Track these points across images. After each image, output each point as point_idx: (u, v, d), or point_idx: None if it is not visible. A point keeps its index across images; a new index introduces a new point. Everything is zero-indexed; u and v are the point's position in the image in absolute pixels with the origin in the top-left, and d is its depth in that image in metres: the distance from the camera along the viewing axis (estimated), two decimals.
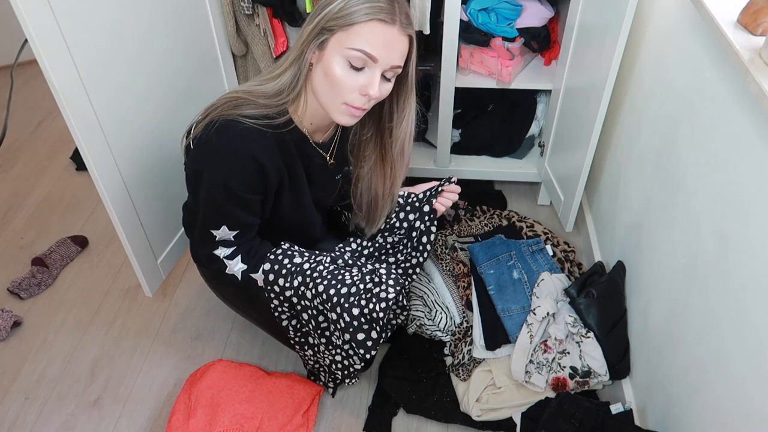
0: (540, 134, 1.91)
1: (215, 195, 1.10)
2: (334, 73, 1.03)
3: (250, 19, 1.77)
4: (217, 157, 1.07)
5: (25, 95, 2.58)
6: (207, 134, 1.07)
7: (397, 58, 1.04)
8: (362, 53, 1.01)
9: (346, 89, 1.04)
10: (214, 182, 1.09)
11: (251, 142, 1.06)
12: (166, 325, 1.61)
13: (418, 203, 1.35)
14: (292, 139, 1.14)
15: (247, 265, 1.18)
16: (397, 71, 1.07)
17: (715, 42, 1.00)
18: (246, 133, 1.06)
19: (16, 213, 1.98)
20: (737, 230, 0.92)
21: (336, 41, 1.02)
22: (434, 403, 1.39)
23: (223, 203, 1.11)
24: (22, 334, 1.60)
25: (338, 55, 1.02)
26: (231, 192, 1.09)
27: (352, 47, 1.00)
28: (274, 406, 1.32)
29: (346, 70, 1.03)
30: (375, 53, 1.01)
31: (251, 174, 1.08)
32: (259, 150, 1.07)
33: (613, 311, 1.38)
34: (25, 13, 1.09)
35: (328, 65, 1.03)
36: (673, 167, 1.17)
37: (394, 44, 1.03)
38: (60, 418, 1.40)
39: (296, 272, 1.17)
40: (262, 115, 1.08)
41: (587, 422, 1.17)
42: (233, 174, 1.07)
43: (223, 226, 1.14)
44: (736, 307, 0.92)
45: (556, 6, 1.72)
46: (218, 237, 1.16)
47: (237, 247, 1.18)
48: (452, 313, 1.50)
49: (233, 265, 1.18)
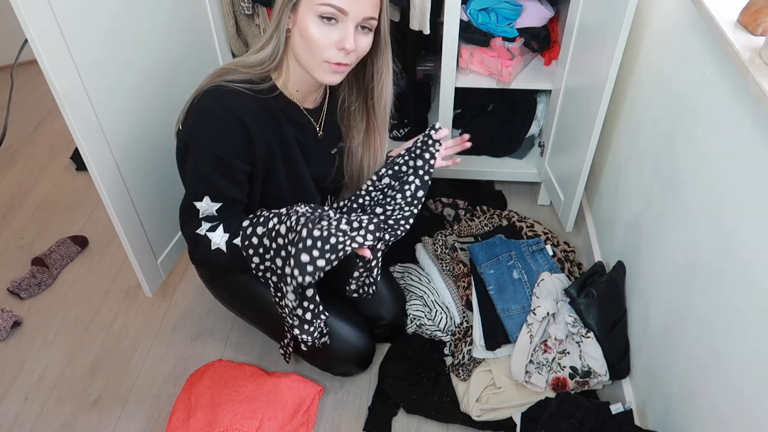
0: (540, 134, 1.92)
1: (200, 163, 1.10)
2: (310, 33, 1.04)
3: (250, 19, 1.78)
4: (203, 119, 1.08)
5: (25, 95, 2.58)
6: (193, 104, 1.09)
7: (368, 9, 1.05)
8: (331, 6, 1.02)
9: (323, 46, 1.05)
10: (200, 148, 1.09)
11: (236, 104, 1.07)
12: (166, 325, 1.61)
13: (408, 158, 1.28)
14: (278, 106, 1.15)
15: (229, 233, 1.15)
16: (372, 23, 1.08)
17: (715, 42, 1.00)
18: (231, 94, 1.07)
19: (16, 213, 1.98)
20: (737, 230, 0.92)
21: (306, 1, 1.03)
22: (434, 403, 1.39)
23: (207, 172, 1.10)
24: (22, 334, 1.60)
25: (310, 14, 1.03)
26: (217, 158, 1.08)
27: (320, 2, 1.01)
28: (274, 406, 1.32)
29: (320, 28, 1.04)
30: (343, 5, 1.02)
31: (238, 137, 1.08)
32: (244, 111, 1.07)
33: (613, 311, 1.38)
34: (25, 13, 1.09)
35: (303, 26, 1.05)
36: (673, 167, 1.17)
37: None
38: (60, 418, 1.40)
39: (273, 216, 1.13)
40: (245, 80, 1.09)
41: (587, 422, 1.17)
42: (219, 137, 1.07)
43: (206, 197, 1.12)
44: (736, 307, 0.92)
45: (556, 6, 1.72)
46: (202, 211, 1.14)
47: (219, 221, 1.16)
48: (452, 313, 1.50)
49: (215, 237, 1.15)
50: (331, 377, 1.46)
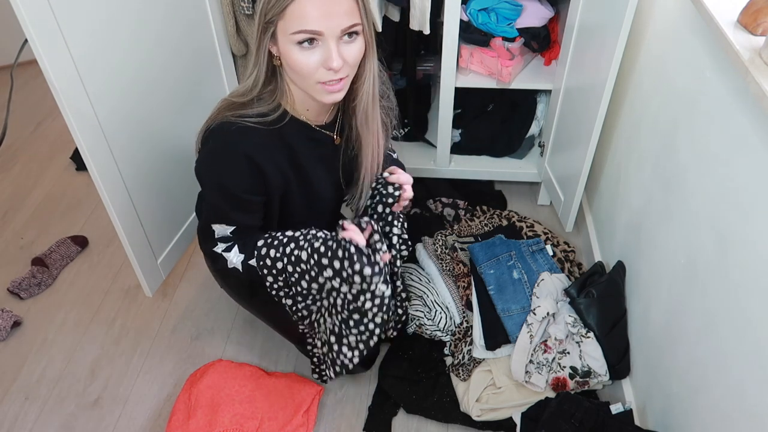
0: (540, 134, 1.91)
1: (213, 196, 1.13)
2: (293, 60, 1.02)
3: (250, 19, 1.77)
4: (211, 159, 1.09)
5: (25, 95, 2.58)
6: (207, 138, 1.09)
7: (344, 20, 0.99)
8: (303, 32, 0.98)
9: (310, 70, 1.02)
10: (210, 184, 1.11)
11: (244, 142, 1.06)
12: (166, 325, 1.61)
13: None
14: (291, 132, 1.14)
15: (244, 254, 1.17)
16: (356, 28, 1.02)
17: (715, 42, 1.00)
18: (239, 132, 1.06)
19: (16, 213, 1.98)
20: (737, 230, 0.92)
21: (281, 30, 1.01)
22: (434, 403, 1.39)
23: (220, 204, 1.12)
24: (22, 334, 1.60)
25: (288, 43, 1.01)
26: (228, 193, 1.10)
27: (292, 31, 0.98)
28: (274, 406, 1.32)
29: (301, 53, 1.01)
30: (315, 27, 0.97)
31: (248, 174, 1.08)
32: (253, 148, 1.07)
33: (613, 311, 1.38)
34: (25, 13, 1.09)
35: (285, 54, 1.03)
36: (673, 167, 1.17)
37: (332, 9, 0.97)
38: (60, 418, 1.40)
39: (289, 240, 1.14)
40: (255, 114, 1.08)
41: (587, 422, 1.17)
42: (228, 175, 1.08)
43: (222, 224, 1.16)
44: (736, 307, 0.92)
45: (556, 6, 1.72)
46: (217, 233, 1.17)
47: (234, 242, 1.19)
48: (452, 313, 1.50)
49: (232, 257, 1.18)
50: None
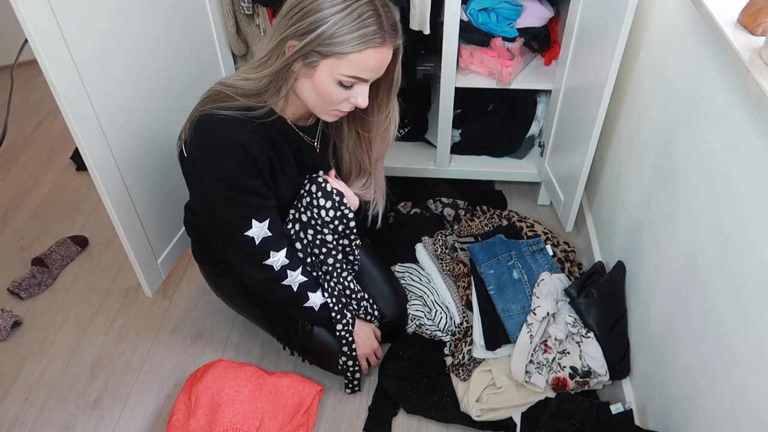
0: (540, 134, 1.91)
1: (220, 191, 1.10)
2: (326, 90, 1.06)
3: (250, 19, 1.77)
4: (203, 154, 1.08)
5: (25, 95, 2.58)
6: (190, 136, 1.09)
7: (383, 71, 1.08)
8: (355, 79, 1.04)
9: (337, 102, 1.08)
10: (213, 180, 1.09)
11: (230, 130, 1.07)
12: (166, 325, 1.61)
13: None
14: (276, 128, 1.15)
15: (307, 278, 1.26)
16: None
17: (715, 42, 1.00)
18: (224, 122, 1.07)
19: (16, 213, 1.98)
20: (737, 230, 0.92)
21: (327, 65, 1.02)
22: (434, 403, 1.39)
23: (231, 196, 1.10)
24: (22, 334, 1.60)
25: (330, 78, 1.04)
26: (232, 183, 1.09)
27: (345, 74, 1.03)
28: (274, 406, 1.32)
29: (336, 88, 1.06)
30: (367, 76, 1.05)
31: (241, 159, 1.08)
32: (239, 135, 1.07)
33: (613, 311, 1.38)
34: (25, 13, 1.09)
35: (318, 82, 1.05)
36: (673, 167, 1.17)
37: (384, 63, 1.06)
38: (60, 418, 1.40)
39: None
40: (239, 107, 1.08)
41: (587, 422, 1.17)
42: (224, 164, 1.07)
43: (252, 220, 1.14)
44: (736, 307, 0.92)
45: (556, 6, 1.72)
46: (257, 239, 1.15)
47: (277, 238, 1.18)
48: (452, 313, 1.50)
49: (293, 276, 1.23)
50: (332, 377, 1.46)
